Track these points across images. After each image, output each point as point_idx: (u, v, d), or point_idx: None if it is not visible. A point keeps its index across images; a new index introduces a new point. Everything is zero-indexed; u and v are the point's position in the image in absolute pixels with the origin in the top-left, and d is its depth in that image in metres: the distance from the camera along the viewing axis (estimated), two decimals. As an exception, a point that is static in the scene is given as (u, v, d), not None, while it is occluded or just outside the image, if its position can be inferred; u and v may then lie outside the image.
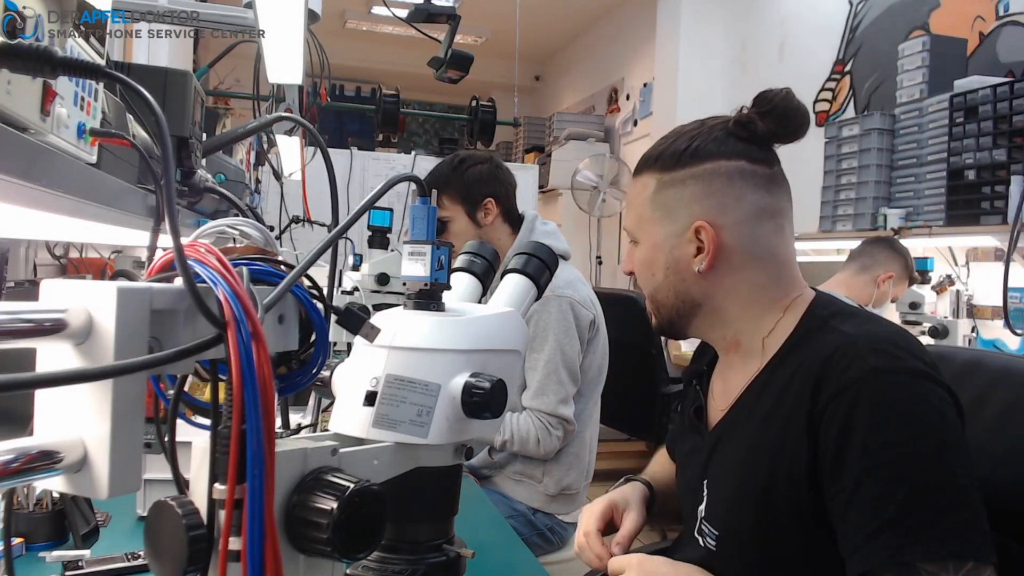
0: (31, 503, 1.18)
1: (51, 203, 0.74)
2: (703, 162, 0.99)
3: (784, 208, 1.01)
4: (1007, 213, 2.54)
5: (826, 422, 0.86)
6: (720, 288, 1.00)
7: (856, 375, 0.85)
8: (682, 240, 1.00)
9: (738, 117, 1.00)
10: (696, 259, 0.99)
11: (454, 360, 0.63)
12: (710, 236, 0.97)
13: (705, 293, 1.01)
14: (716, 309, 1.02)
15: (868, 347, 0.87)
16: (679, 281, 1.01)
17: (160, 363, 0.45)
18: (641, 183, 1.05)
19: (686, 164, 0.99)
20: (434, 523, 0.68)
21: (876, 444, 0.82)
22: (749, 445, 0.95)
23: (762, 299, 1.00)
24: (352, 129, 7.77)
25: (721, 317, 1.02)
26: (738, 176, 0.98)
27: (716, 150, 0.99)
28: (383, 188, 0.63)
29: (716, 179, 0.98)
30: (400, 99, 3.99)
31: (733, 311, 1.01)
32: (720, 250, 0.98)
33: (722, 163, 0.98)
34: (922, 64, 3.08)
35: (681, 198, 1.00)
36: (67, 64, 0.56)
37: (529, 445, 1.89)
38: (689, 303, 1.02)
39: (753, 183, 0.98)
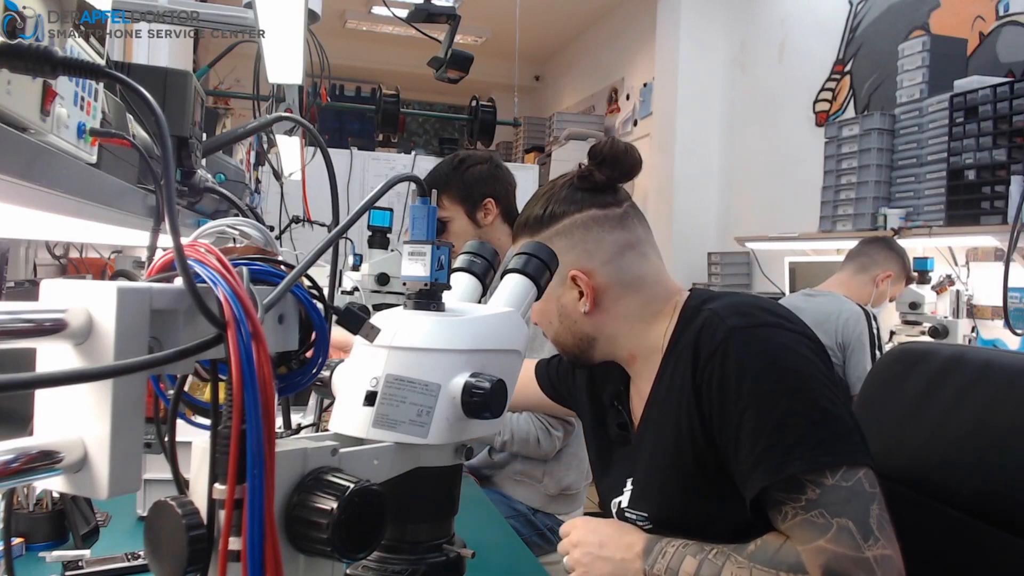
0: (31, 503, 1.18)
1: (51, 203, 0.74)
2: (560, 220, 1.11)
3: (641, 237, 1.13)
4: (1007, 213, 2.54)
5: (705, 383, 0.98)
6: (607, 320, 1.12)
7: (721, 336, 0.98)
8: (564, 289, 1.12)
9: (579, 172, 1.13)
10: (580, 302, 1.11)
11: (454, 360, 0.63)
12: (584, 281, 1.10)
13: (596, 327, 1.13)
14: (609, 337, 1.14)
15: (728, 313, 1.01)
16: (572, 324, 1.14)
17: (160, 363, 0.45)
18: None
19: (548, 224, 1.12)
20: (434, 523, 0.68)
21: (745, 387, 0.94)
22: (660, 432, 1.06)
23: (645, 315, 1.12)
24: (352, 129, 7.78)
25: (615, 342, 1.14)
26: (593, 223, 1.11)
27: (568, 207, 1.12)
28: (383, 188, 0.63)
29: (575, 231, 1.11)
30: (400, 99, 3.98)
31: (624, 333, 1.13)
32: (596, 290, 1.10)
33: (576, 216, 1.11)
34: (922, 64, 3.08)
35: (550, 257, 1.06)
36: (67, 64, 0.56)
37: (529, 445, 1.89)
38: (586, 339, 1.14)
39: (608, 225, 1.11)
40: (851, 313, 2.60)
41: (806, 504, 0.90)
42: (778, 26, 4.49)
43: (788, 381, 0.93)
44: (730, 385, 0.95)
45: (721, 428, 0.97)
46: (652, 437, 1.09)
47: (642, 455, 1.11)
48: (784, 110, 4.33)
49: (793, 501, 0.91)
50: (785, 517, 0.92)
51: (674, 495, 1.05)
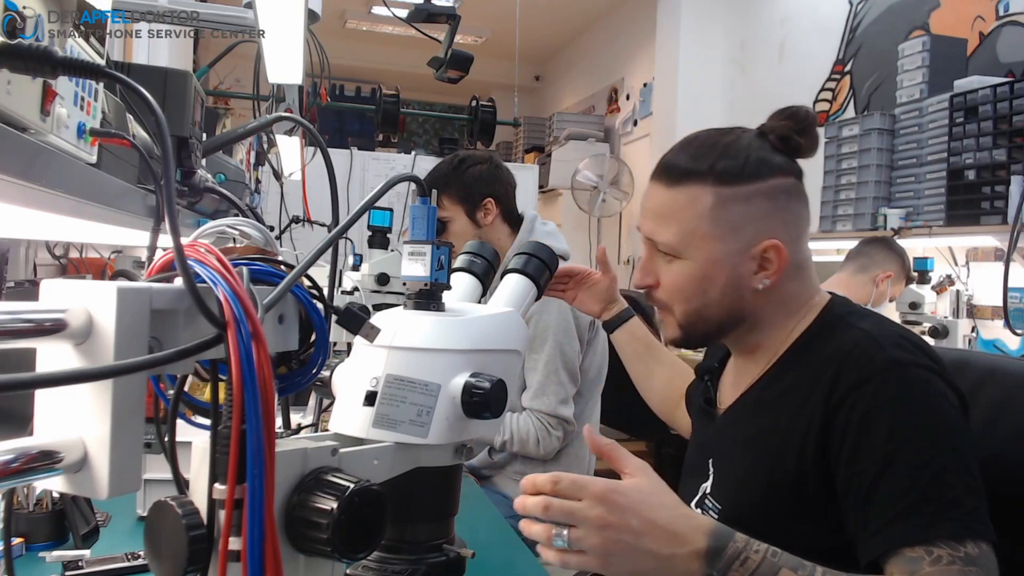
0: (31, 503, 1.18)
1: (51, 203, 0.74)
2: (767, 178, 0.98)
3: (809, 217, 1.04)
4: (1007, 213, 2.54)
5: (846, 408, 0.88)
6: (769, 302, 1.01)
7: (880, 365, 0.88)
8: (744, 258, 0.98)
9: (780, 131, 1.00)
10: (757, 276, 0.98)
11: (454, 360, 0.63)
12: (780, 255, 0.97)
13: (756, 307, 1.01)
14: (757, 320, 1.02)
15: (889, 342, 0.90)
16: (736, 299, 1.00)
17: (160, 363, 0.45)
18: (688, 195, 0.99)
19: (750, 179, 0.97)
20: (434, 523, 0.68)
21: (901, 430, 0.85)
22: (759, 429, 0.98)
23: (791, 306, 1.02)
24: (352, 129, 7.77)
25: (758, 327, 1.03)
26: (794, 192, 1.00)
27: (776, 166, 0.99)
28: (383, 188, 0.63)
29: (780, 195, 0.98)
30: (400, 99, 3.98)
31: (771, 321, 1.02)
32: (784, 267, 0.98)
33: (781, 180, 0.99)
34: (922, 64, 3.08)
35: (748, 215, 0.97)
36: (67, 64, 0.56)
37: (529, 445, 1.89)
38: (736, 317, 1.02)
39: (798, 198, 1.01)
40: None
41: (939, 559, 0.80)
42: (778, 26, 4.49)
43: (947, 438, 0.85)
44: (880, 422, 0.86)
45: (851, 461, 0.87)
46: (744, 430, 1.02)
47: (725, 443, 1.04)
48: (784, 110, 4.33)
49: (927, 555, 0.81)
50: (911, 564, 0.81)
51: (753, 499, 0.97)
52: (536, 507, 0.80)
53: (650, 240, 1.03)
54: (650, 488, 0.81)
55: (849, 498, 0.87)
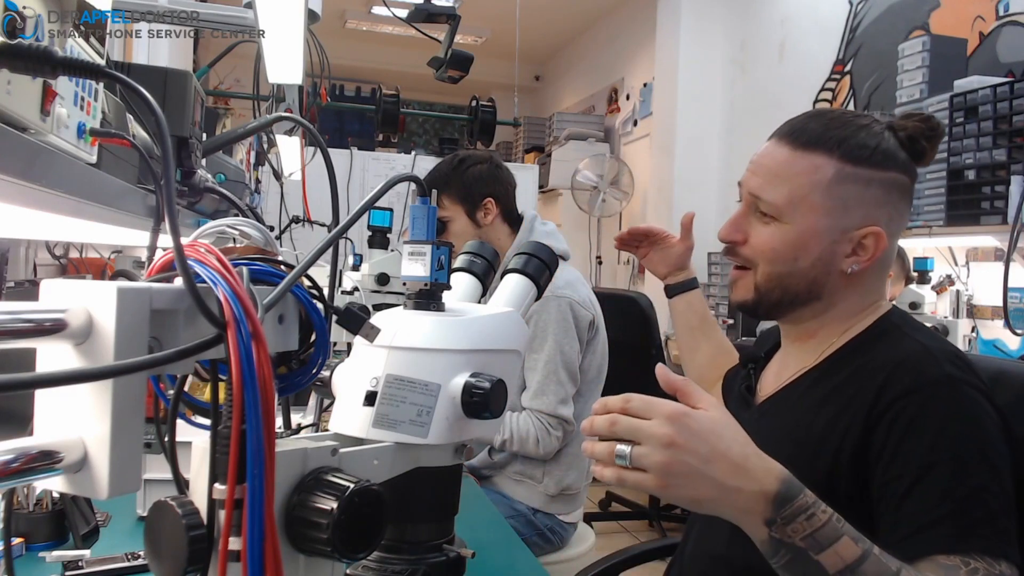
0: (31, 503, 1.18)
1: (51, 203, 0.74)
2: (889, 169, 0.98)
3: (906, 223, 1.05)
4: (1007, 213, 2.54)
5: (893, 413, 0.89)
6: (850, 289, 1.02)
7: (933, 378, 0.89)
8: (844, 237, 0.99)
9: (912, 131, 1.00)
10: (849, 259, 0.99)
11: (454, 360, 0.63)
12: (879, 244, 0.98)
13: (835, 290, 1.01)
14: (829, 306, 1.03)
15: (944, 358, 0.92)
16: (822, 274, 1.00)
17: (160, 363, 0.45)
18: (811, 162, 0.99)
19: (875, 165, 0.98)
20: (434, 523, 0.68)
21: (945, 442, 0.86)
22: (798, 423, 0.98)
23: (865, 300, 1.03)
24: (352, 129, 7.77)
25: (826, 312, 1.03)
26: (907, 192, 1.01)
27: (899, 160, 0.99)
28: (383, 188, 0.63)
29: (895, 190, 0.99)
30: (400, 99, 3.99)
31: (840, 309, 1.03)
32: (878, 258, 1.00)
33: (900, 176, 0.99)
34: (922, 64, 3.08)
35: (862, 197, 0.98)
36: (67, 64, 0.56)
37: (528, 445, 1.89)
38: (814, 295, 1.02)
39: (907, 200, 1.01)
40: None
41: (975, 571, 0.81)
42: (778, 26, 4.49)
43: (989, 457, 0.86)
44: (925, 431, 0.87)
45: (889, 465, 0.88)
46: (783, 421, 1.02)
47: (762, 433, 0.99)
48: (784, 110, 4.31)
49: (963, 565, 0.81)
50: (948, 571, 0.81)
51: None
52: (603, 423, 0.76)
53: (752, 197, 1.03)
54: (725, 421, 0.78)
55: (883, 502, 0.88)
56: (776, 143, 1.03)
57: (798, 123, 1.04)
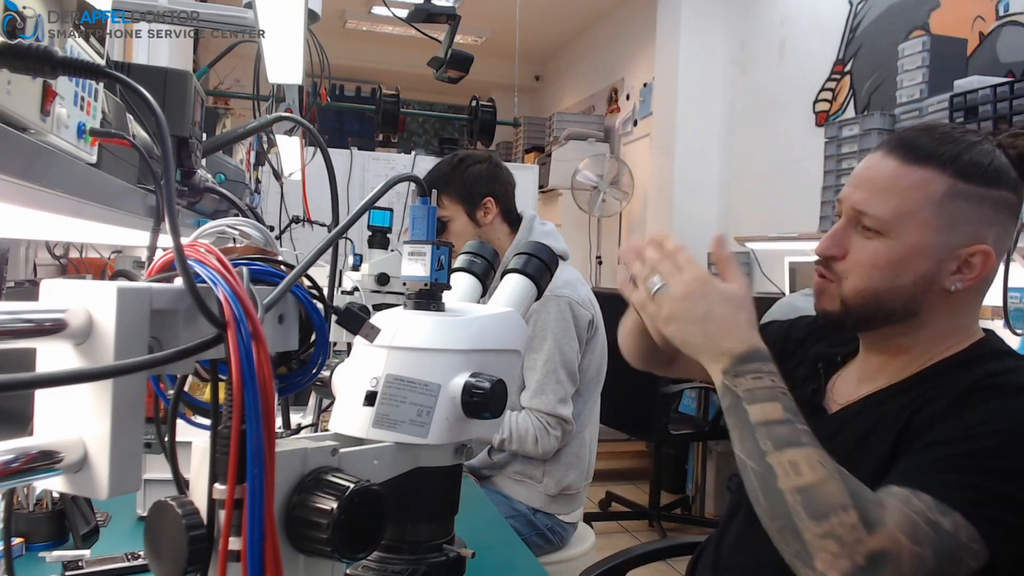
0: (31, 503, 1.18)
1: (51, 203, 0.74)
2: (1000, 187, 0.96)
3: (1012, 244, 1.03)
4: (1007, 213, 2.54)
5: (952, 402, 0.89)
6: (947, 309, 0.99)
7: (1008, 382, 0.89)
8: (951, 255, 0.96)
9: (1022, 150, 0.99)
10: (953, 277, 0.96)
11: (454, 360, 0.63)
12: (987, 263, 0.96)
13: (933, 309, 0.99)
14: (923, 324, 1.00)
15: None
16: (923, 292, 0.98)
17: (160, 363, 0.45)
18: (922, 176, 0.97)
19: (987, 183, 0.96)
20: (434, 523, 0.68)
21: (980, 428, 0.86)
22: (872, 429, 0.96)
23: (958, 324, 1.00)
24: (352, 129, 7.77)
25: (919, 330, 1.00)
26: (1015, 212, 0.98)
27: (1010, 179, 0.97)
28: (383, 188, 0.63)
29: (1004, 208, 0.97)
30: (400, 99, 3.99)
31: (937, 328, 1.00)
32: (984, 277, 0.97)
33: (1010, 195, 0.97)
34: (922, 64, 3.08)
35: (972, 216, 0.96)
36: (67, 64, 0.56)
37: (527, 444, 1.89)
38: (910, 313, 0.99)
39: (1014, 219, 0.98)
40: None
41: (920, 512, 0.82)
42: (778, 26, 4.49)
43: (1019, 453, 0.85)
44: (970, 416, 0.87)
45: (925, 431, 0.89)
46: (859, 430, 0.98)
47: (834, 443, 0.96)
48: (784, 110, 4.33)
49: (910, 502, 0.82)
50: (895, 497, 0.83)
51: None
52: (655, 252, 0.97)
53: (855, 212, 1.01)
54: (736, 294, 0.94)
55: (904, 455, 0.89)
56: (883, 156, 1.01)
57: (908, 137, 1.01)
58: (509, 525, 1.57)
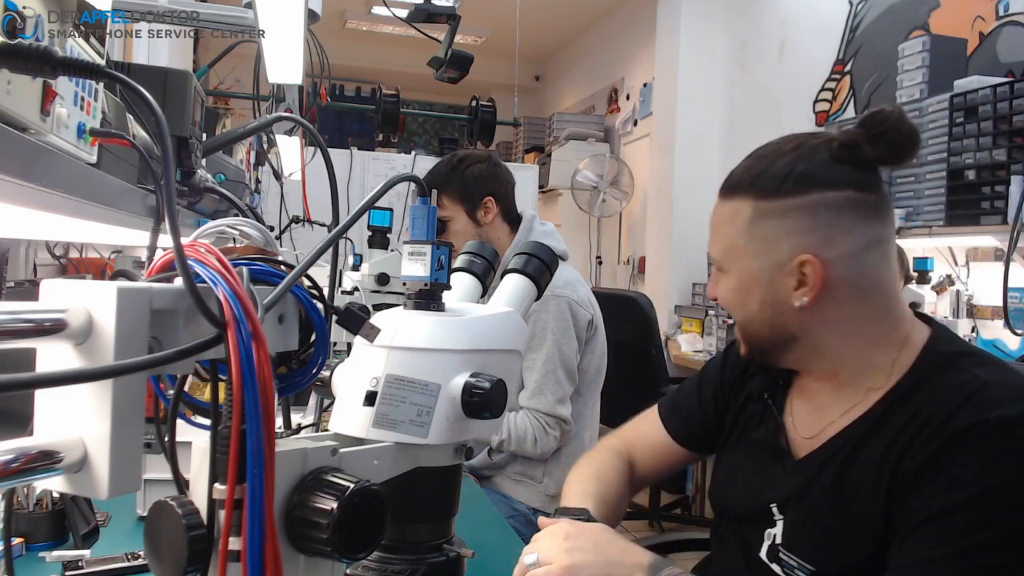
0: (31, 503, 1.18)
1: (51, 203, 0.74)
2: (808, 191, 0.92)
3: (890, 234, 0.96)
4: (1007, 213, 2.54)
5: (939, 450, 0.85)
6: (821, 323, 0.95)
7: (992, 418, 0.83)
8: (782, 273, 0.94)
9: (844, 139, 0.93)
10: (796, 293, 0.94)
11: (454, 360, 0.63)
12: (816, 271, 0.92)
13: (804, 327, 0.96)
14: (815, 344, 0.97)
15: (1008, 397, 0.86)
16: (776, 315, 0.96)
17: (160, 363, 0.45)
18: (732, 208, 0.98)
19: (789, 192, 0.93)
20: (434, 523, 0.68)
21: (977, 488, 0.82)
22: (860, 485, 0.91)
23: (870, 334, 0.95)
24: (352, 129, 7.77)
25: (820, 351, 0.98)
26: (847, 207, 0.92)
27: (822, 177, 0.92)
28: (383, 188, 0.63)
29: (823, 211, 0.92)
30: (400, 99, 3.99)
31: (834, 346, 0.97)
32: (825, 285, 0.92)
33: (829, 193, 0.92)
34: (922, 64, 3.08)
35: (783, 230, 0.94)
36: (67, 64, 0.56)
37: (526, 444, 1.89)
38: (786, 337, 0.97)
39: (863, 214, 0.93)
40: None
41: None
42: (778, 26, 4.49)
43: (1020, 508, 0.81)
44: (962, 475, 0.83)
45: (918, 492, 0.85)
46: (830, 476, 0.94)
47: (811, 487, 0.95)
48: (784, 110, 4.33)
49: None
50: None
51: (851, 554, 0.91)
52: None
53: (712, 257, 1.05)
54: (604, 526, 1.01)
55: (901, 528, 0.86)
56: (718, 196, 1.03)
57: (732, 171, 1.02)
58: (509, 525, 1.57)
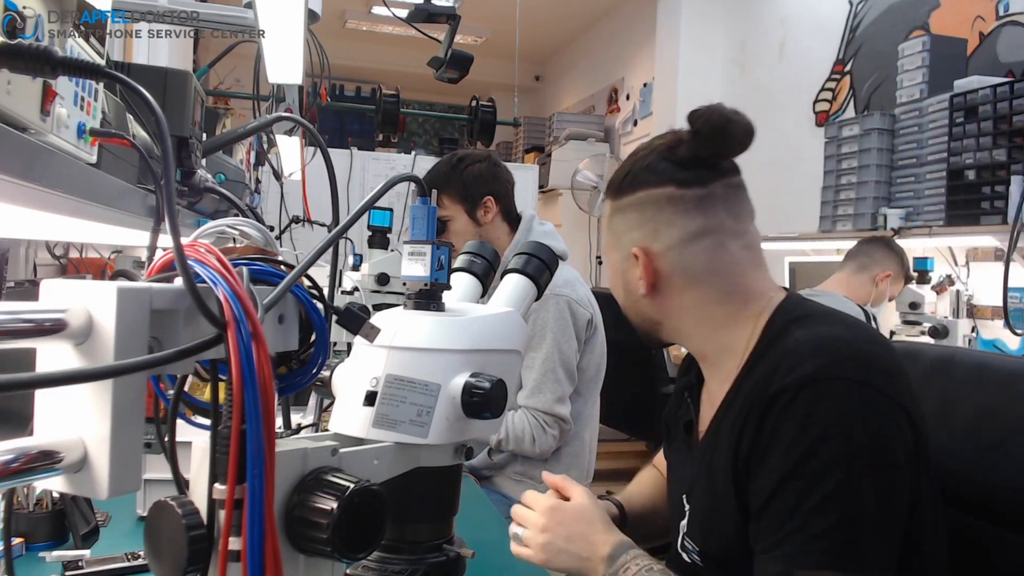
0: (31, 503, 1.18)
1: (51, 203, 0.74)
2: (637, 190, 1.02)
3: (722, 223, 1.00)
4: (1007, 213, 2.54)
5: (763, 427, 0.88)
6: (670, 308, 1.03)
7: (794, 382, 0.86)
8: (628, 265, 1.04)
9: (667, 140, 1.01)
10: (640, 283, 1.02)
11: (454, 360, 0.63)
12: (644, 262, 1.00)
13: (660, 312, 1.04)
14: (676, 327, 1.05)
15: (810, 353, 0.88)
16: (633, 302, 1.06)
17: (160, 363, 0.45)
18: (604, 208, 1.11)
19: (625, 192, 1.03)
20: (434, 523, 0.68)
21: (797, 453, 0.84)
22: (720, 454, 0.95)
23: (716, 315, 1.00)
24: (352, 129, 7.78)
25: (682, 334, 1.05)
26: (667, 202, 0.99)
27: (648, 177, 1.01)
28: (383, 188, 0.63)
29: (648, 207, 1.01)
30: (400, 99, 3.98)
31: (688, 329, 1.04)
32: (656, 275, 1.01)
33: (653, 191, 1.00)
34: (922, 64, 3.08)
35: (623, 225, 1.04)
36: (67, 64, 0.56)
37: (524, 444, 1.89)
38: (649, 321, 1.06)
39: (682, 207, 0.99)
40: (851, 313, 2.60)
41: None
42: (778, 26, 4.49)
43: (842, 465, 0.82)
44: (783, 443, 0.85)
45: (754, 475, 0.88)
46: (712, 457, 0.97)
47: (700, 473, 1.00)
48: (784, 110, 4.33)
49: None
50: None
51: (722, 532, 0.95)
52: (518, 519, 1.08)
53: None
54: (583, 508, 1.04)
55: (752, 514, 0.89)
56: None
57: None
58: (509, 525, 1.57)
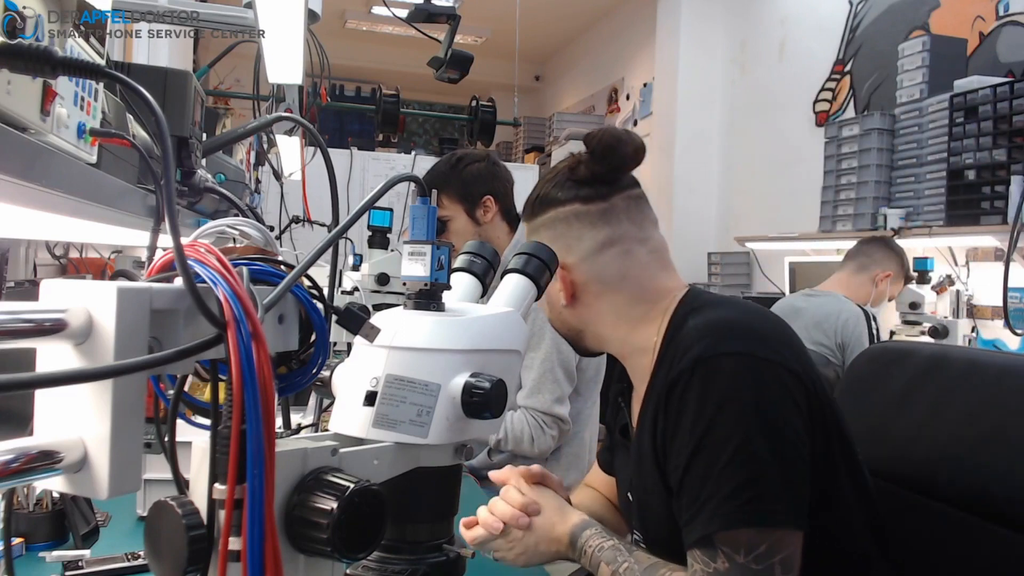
0: (31, 503, 1.18)
1: (51, 203, 0.74)
2: (548, 210, 1.10)
3: (626, 233, 1.08)
4: (1007, 213, 2.54)
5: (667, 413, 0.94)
6: (590, 316, 1.10)
7: (687, 366, 0.93)
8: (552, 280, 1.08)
9: (569, 162, 1.11)
10: (561, 295, 1.09)
11: (454, 360, 0.63)
12: (561, 275, 1.07)
13: (581, 321, 1.11)
14: (596, 333, 1.11)
15: (698, 336, 0.95)
16: (557, 314, 1.13)
17: (160, 363, 0.45)
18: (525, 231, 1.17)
19: (538, 213, 1.12)
20: (434, 523, 0.68)
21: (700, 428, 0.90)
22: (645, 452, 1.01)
23: (630, 316, 1.08)
24: (352, 129, 7.78)
25: (601, 337, 1.12)
26: (574, 218, 1.08)
27: (556, 197, 1.10)
28: (383, 188, 0.63)
29: (559, 224, 1.09)
30: (400, 99, 3.98)
31: (607, 333, 1.10)
32: (574, 285, 1.08)
33: (561, 209, 1.09)
34: (922, 64, 3.08)
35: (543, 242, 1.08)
36: (67, 64, 0.56)
37: (523, 444, 1.89)
38: (573, 330, 1.13)
39: (588, 222, 1.08)
40: (851, 314, 2.60)
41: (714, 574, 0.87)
42: (778, 26, 4.49)
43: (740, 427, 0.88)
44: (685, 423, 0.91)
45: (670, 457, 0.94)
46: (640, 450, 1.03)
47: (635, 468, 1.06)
48: (784, 110, 4.33)
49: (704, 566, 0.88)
50: None
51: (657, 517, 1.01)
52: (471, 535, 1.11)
53: None
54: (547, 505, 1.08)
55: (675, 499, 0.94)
56: None
57: None
58: (509, 525, 1.57)
